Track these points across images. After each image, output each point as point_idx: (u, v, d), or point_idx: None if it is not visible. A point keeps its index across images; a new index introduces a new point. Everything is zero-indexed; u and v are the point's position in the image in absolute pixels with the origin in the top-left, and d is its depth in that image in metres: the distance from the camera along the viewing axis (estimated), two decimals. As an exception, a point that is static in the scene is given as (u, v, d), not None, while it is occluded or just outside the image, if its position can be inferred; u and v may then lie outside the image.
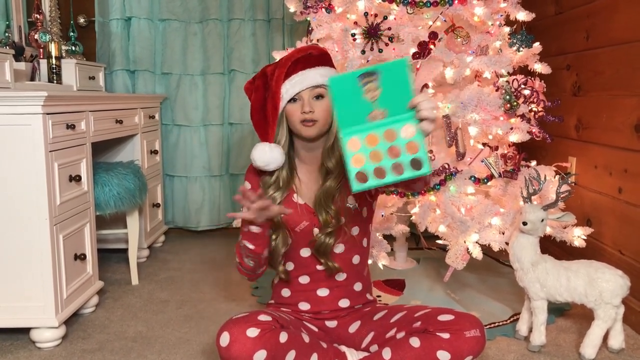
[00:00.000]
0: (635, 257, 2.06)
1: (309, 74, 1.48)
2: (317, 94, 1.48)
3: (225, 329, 1.36)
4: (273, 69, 1.51)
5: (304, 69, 1.48)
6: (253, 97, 1.54)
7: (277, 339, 1.36)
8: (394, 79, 1.12)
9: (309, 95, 1.48)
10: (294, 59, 1.48)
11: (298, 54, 1.50)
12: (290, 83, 1.47)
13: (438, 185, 2.10)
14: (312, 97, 1.48)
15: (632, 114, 2.09)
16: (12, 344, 1.93)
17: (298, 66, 1.48)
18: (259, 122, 1.52)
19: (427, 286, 2.39)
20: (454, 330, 1.37)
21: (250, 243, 1.47)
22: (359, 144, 1.12)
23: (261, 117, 1.52)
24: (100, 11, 3.24)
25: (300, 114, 1.47)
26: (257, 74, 1.55)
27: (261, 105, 1.52)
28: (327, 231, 1.51)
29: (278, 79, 1.48)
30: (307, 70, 1.48)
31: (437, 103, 2.14)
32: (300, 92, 1.47)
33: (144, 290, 2.48)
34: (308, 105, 1.47)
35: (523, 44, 2.30)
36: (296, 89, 1.47)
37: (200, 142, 3.36)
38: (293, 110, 1.49)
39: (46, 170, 1.84)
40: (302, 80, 1.47)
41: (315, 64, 1.50)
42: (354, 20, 2.20)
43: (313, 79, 1.47)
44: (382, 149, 1.11)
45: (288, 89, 1.47)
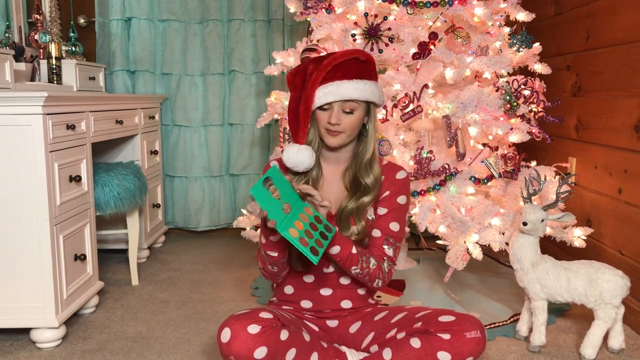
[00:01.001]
0: (635, 257, 2.06)
1: (345, 86, 1.46)
2: (348, 109, 1.47)
3: (227, 325, 1.36)
4: (313, 69, 1.48)
5: (342, 79, 1.46)
6: (291, 94, 1.53)
7: (278, 336, 1.37)
8: (278, 180, 1.34)
9: (339, 107, 1.47)
10: (336, 63, 1.45)
11: (342, 57, 1.46)
12: (324, 90, 1.46)
13: (438, 186, 2.11)
14: (342, 110, 1.47)
15: (632, 115, 2.09)
16: (12, 344, 1.93)
17: (337, 73, 1.46)
18: (292, 122, 1.52)
19: (427, 286, 2.39)
20: (454, 331, 1.37)
21: (272, 251, 1.47)
22: (295, 231, 1.31)
23: (294, 117, 1.51)
24: (101, 12, 3.24)
25: (326, 123, 1.48)
26: (300, 67, 1.52)
27: (295, 105, 1.51)
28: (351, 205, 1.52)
29: (314, 82, 1.46)
30: (344, 82, 1.46)
31: (438, 104, 2.15)
32: (332, 102, 1.46)
33: (144, 291, 2.48)
34: (336, 117, 1.47)
35: (523, 44, 2.30)
36: (328, 99, 1.46)
37: (200, 143, 3.36)
38: (321, 116, 1.50)
39: (46, 170, 1.84)
40: (336, 92, 1.45)
41: (354, 75, 1.47)
42: (354, 21, 2.20)
43: (346, 93, 1.45)
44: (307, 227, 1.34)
45: (321, 97, 1.46)
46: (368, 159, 1.54)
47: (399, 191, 1.57)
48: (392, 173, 1.59)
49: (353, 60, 1.47)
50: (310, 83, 1.46)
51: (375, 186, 1.53)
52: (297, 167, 1.51)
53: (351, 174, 1.56)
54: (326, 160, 1.59)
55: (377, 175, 1.54)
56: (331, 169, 1.59)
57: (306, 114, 1.48)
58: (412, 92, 2.11)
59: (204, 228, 3.41)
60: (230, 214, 3.43)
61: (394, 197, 1.57)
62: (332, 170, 1.59)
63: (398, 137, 2.17)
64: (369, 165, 1.54)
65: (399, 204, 1.57)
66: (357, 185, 1.54)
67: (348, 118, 1.48)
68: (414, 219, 2.13)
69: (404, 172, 1.60)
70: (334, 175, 1.59)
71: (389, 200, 1.57)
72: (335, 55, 1.47)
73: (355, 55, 1.47)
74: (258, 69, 3.29)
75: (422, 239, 2.87)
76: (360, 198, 1.53)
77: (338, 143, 1.51)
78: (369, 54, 1.51)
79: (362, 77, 1.48)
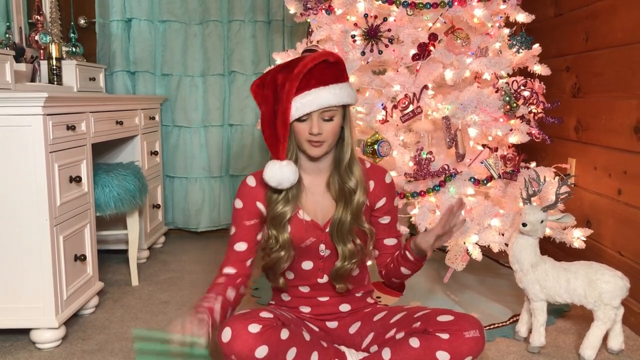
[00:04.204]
0: (634, 258, 2.06)
1: (322, 94, 1.39)
2: (327, 117, 1.42)
3: (227, 325, 1.35)
4: (284, 80, 1.40)
5: (317, 85, 1.39)
6: (263, 108, 1.46)
7: (279, 335, 1.37)
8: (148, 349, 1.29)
9: (318, 116, 1.41)
10: (307, 70, 1.38)
11: (311, 62, 1.38)
12: (301, 101, 1.39)
13: (438, 187, 2.11)
14: (322, 119, 1.42)
15: (632, 116, 2.09)
16: (12, 344, 1.93)
17: (312, 81, 1.39)
18: (270, 138, 1.45)
19: (426, 287, 2.39)
20: (453, 330, 1.37)
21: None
22: None
23: (272, 133, 1.44)
24: (101, 12, 3.25)
25: (307, 134, 1.42)
26: (267, 78, 1.45)
27: (271, 120, 1.44)
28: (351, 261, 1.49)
29: (289, 93, 1.38)
30: (321, 89, 1.39)
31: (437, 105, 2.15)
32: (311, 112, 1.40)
33: (144, 291, 2.48)
34: (317, 127, 1.41)
35: (523, 45, 2.30)
36: (306, 110, 1.39)
37: (200, 143, 3.36)
38: (300, 128, 1.43)
39: (46, 171, 1.84)
40: (314, 100, 1.39)
41: (329, 80, 1.41)
42: (354, 22, 2.21)
43: (325, 101, 1.39)
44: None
45: (298, 107, 1.39)
46: (347, 163, 1.49)
47: (392, 194, 1.58)
48: (380, 177, 1.56)
49: (323, 63, 1.40)
50: (284, 94, 1.39)
51: (359, 186, 1.49)
52: (282, 185, 1.44)
53: (336, 182, 1.51)
54: (306, 171, 1.52)
55: (359, 176, 1.49)
56: (312, 180, 1.53)
57: (285, 128, 1.41)
58: (412, 93, 2.11)
59: (204, 229, 3.41)
60: (230, 214, 3.42)
61: (391, 203, 1.57)
62: (314, 180, 1.53)
63: (398, 138, 2.18)
64: (349, 168, 1.49)
65: (395, 206, 1.59)
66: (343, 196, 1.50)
67: (328, 125, 1.42)
68: (414, 219, 2.13)
69: (389, 175, 1.58)
70: (317, 185, 1.53)
71: (387, 207, 1.56)
72: (305, 61, 1.39)
73: (324, 58, 1.40)
74: (258, 69, 3.30)
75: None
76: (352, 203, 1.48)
77: (321, 152, 1.45)
78: (337, 55, 1.44)
79: (337, 81, 1.42)
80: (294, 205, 1.49)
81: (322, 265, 1.54)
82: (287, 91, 1.38)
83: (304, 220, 1.50)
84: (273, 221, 1.49)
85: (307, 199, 1.52)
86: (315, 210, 1.52)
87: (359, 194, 1.49)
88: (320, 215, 1.51)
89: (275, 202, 1.48)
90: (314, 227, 1.51)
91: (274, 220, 1.48)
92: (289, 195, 1.48)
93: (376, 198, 1.55)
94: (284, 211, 1.47)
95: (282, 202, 1.48)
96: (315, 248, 1.52)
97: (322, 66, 1.40)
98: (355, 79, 2.25)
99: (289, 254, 1.50)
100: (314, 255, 1.53)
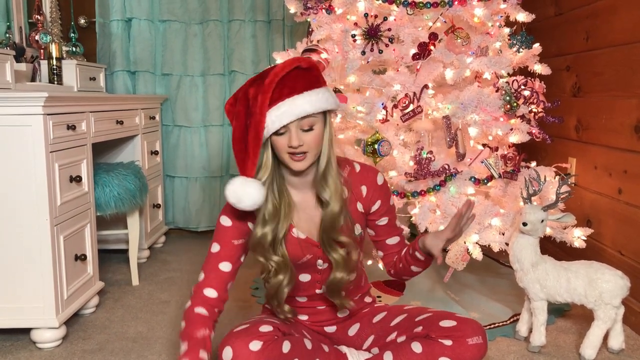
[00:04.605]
0: (635, 257, 2.06)
1: (298, 102, 1.30)
2: (307, 126, 1.33)
3: (227, 343, 1.33)
4: (255, 92, 1.32)
5: (291, 94, 1.31)
6: (234, 124, 1.36)
7: (280, 349, 1.35)
8: None
9: (296, 127, 1.32)
10: (278, 79, 1.30)
11: (282, 71, 1.31)
12: (276, 113, 1.30)
13: (438, 186, 2.11)
14: (301, 129, 1.33)
15: (632, 115, 2.09)
16: (12, 344, 1.93)
17: (284, 90, 1.31)
18: (239, 153, 1.35)
19: (427, 287, 2.39)
20: (456, 337, 1.36)
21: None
22: None
23: (241, 148, 1.34)
24: (101, 12, 3.24)
25: (288, 148, 1.33)
26: (238, 94, 1.38)
27: (242, 135, 1.34)
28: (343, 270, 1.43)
29: (262, 105, 1.30)
30: (295, 98, 1.30)
31: (438, 104, 2.15)
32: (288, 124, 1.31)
33: (144, 291, 2.48)
34: (296, 139, 1.32)
35: (523, 45, 2.30)
36: (284, 121, 1.30)
37: (200, 143, 3.36)
38: (279, 142, 1.34)
39: (47, 170, 1.84)
40: (290, 111, 1.30)
41: (303, 87, 1.32)
42: (354, 21, 2.20)
43: (301, 109, 1.30)
44: None
45: (274, 120, 1.31)
46: (321, 173, 1.39)
47: (386, 195, 1.51)
48: (371, 180, 1.48)
49: (295, 70, 1.32)
50: (257, 108, 1.30)
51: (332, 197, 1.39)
52: (241, 202, 1.33)
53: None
54: (294, 186, 1.44)
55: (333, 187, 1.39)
56: (303, 196, 1.45)
57: (256, 142, 1.31)
58: (412, 92, 2.11)
59: (205, 228, 3.41)
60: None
61: (386, 204, 1.52)
62: (304, 196, 1.45)
63: (398, 138, 2.17)
64: (323, 178, 1.39)
65: (392, 205, 1.55)
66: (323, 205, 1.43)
67: (309, 136, 1.33)
68: (414, 219, 2.13)
69: (380, 175, 1.50)
70: (307, 201, 1.45)
71: (384, 208, 1.51)
72: (276, 70, 1.32)
73: (296, 65, 1.32)
74: (258, 69, 3.29)
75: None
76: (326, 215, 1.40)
77: (306, 165, 1.36)
78: (310, 60, 1.38)
79: (312, 87, 1.33)
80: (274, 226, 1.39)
81: (319, 277, 1.51)
82: (260, 104, 1.30)
83: (298, 239, 1.44)
84: (256, 247, 1.40)
85: (300, 216, 1.45)
86: (310, 227, 1.45)
87: (333, 205, 1.39)
88: (315, 231, 1.45)
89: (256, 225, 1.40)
90: (309, 245, 1.45)
91: (257, 247, 1.40)
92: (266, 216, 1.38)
93: (370, 202, 1.49)
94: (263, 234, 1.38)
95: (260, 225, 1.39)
96: (312, 263, 1.48)
97: (295, 73, 1.32)
98: (355, 79, 2.24)
99: (289, 276, 1.43)
100: (312, 269, 1.50)
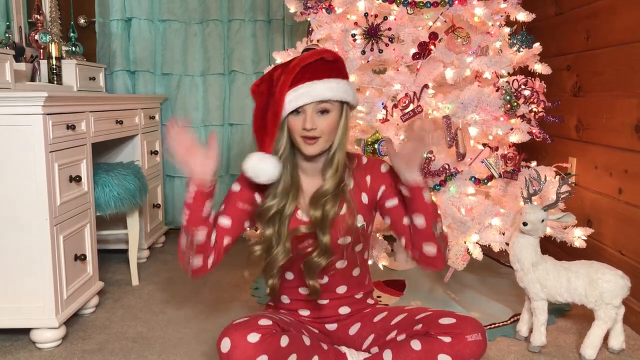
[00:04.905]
0: (635, 257, 2.06)
1: (317, 87, 1.37)
2: (322, 109, 1.39)
3: (226, 335, 1.33)
4: (280, 74, 1.40)
5: (312, 79, 1.38)
6: (256, 103, 1.44)
7: (278, 343, 1.35)
8: None
9: (312, 110, 1.38)
10: (303, 64, 1.38)
11: (309, 58, 1.38)
12: (295, 93, 1.37)
13: (438, 186, 2.10)
14: (317, 112, 1.39)
15: (632, 115, 2.09)
16: (12, 344, 1.93)
17: (306, 75, 1.38)
18: (259, 130, 1.43)
19: (427, 287, 2.39)
20: (455, 334, 1.36)
21: (201, 226, 1.42)
22: None
23: (261, 125, 1.42)
24: (101, 12, 3.24)
25: (301, 130, 1.39)
26: (264, 76, 1.46)
27: (262, 113, 1.42)
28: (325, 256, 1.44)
29: (283, 86, 1.37)
30: (315, 82, 1.37)
31: (438, 104, 2.15)
32: (304, 105, 1.38)
33: (144, 291, 2.47)
34: (310, 121, 1.37)
35: (523, 44, 2.30)
36: (300, 102, 1.37)
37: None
38: (295, 123, 1.40)
39: (46, 170, 1.84)
40: (308, 93, 1.37)
41: (325, 74, 1.39)
42: (354, 21, 2.20)
43: (320, 93, 1.37)
44: None
45: (292, 100, 1.37)
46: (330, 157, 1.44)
47: (391, 180, 1.51)
48: (376, 169, 1.52)
49: (320, 60, 1.39)
50: (278, 88, 1.38)
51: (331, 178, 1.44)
52: (258, 178, 1.41)
53: None
54: (304, 172, 1.50)
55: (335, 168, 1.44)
56: (311, 182, 1.49)
57: (275, 120, 1.38)
58: (412, 92, 2.11)
59: (204, 228, 3.40)
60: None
61: (391, 187, 1.51)
62: (312, 182, 1.49)
63: (398, 137, 2.17)
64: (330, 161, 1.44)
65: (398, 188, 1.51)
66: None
67: (324, 120, 1.39)
68: (414, 219, 2.12)
69: (385, 164, 1.52)
70: (314, 187, 1.48)
71: (390, 190, 1.50)
72: (303, 56, 1.40)
73: (321, 56, 1.39)
74: (258, 69, 3.30)
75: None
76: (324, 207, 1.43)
77: (317, 150, 1.41)
78: (336, 54, 1.44)
79: (333, 76, 1.40)
80: (280, 202, 1.45)
81: None
82: (282, 83, 1.37)
83: (302, 221, 1.49)
84: (260, 216, 1.47)
85: (305, 200, 1.49)
86: None
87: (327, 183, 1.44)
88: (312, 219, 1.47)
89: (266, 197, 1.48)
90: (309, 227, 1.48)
91: (260, 215, 1.47)
92: (277, 194, 1.45)
93: (374, 191, 1.52)
94: (269, 205, 1.45)
95: (270, 197, 1.46)
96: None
97: (320, 62, 1.39)
98: (355, 78, 2.24)
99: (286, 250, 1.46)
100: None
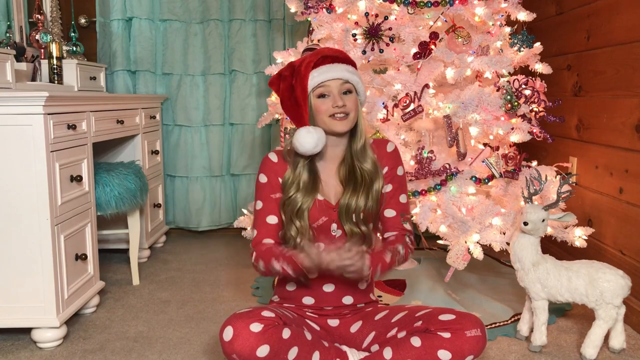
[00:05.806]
0: (636, 257, 2.06)
1: (337, 67, 1.50)
2: (346, 89, 1.51)
3: (229, 324, 1.36)
4: (301, 60, 1.53)
5: (333, 62, 1.51)
6: (281, 86, 1.54)
7: (280, 335, 1.37)
8: None
9: (338, 89, 1.49)
10: (323, 54, 1.51)
11: (327, 51, 1.53)
12: (318, 71, 1.49)
13: (439, 186, 2.11)
14: (341, 93, 1.50)
15: (633, 114, 2.09)
16: (13, 344, 1.93)
17: (327, 60, 1.51)
18: (291, 108, 1.52)
19: (428, 286, 2.38)
20: (455, 329, 1.37)
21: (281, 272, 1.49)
22: None
23: (292, 103, 1.52)
24: (101, 12, 3.25)
25: (331, 108, 1.48)
26: (283, 67, 1.57)
27: (290, 92, 1.52)
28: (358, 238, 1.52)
29: (307, 65, 1.49)
30: (336, 64, 1.51)
31: (439, 104, 2.15)
32: (327, 81, 1.48)
33: (144, 291, 2.48)
34: (340, 99, 1.48)
35: (524, 44, 2.30)
36: (323, 78, 1.48)
37: (201, 143, 3.36)
38: (322, 105, 1.50)
39: (47, 170, 1.84)
40: (330, 70, 1.49)
41: (344, 62, 1.53)
42: (355, 21, 2.21)
43: (341, 73, 1.50)
44: None
45: (315, 77, 1.49)
46: (362, 145, 1.56)
47: (395, 163, 1.61)
48: (382, 148, 1.61)
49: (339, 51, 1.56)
50: (303, 66, 1.49)
51: (376, 169, 1.55)
52: (317, 147, 1.48)
53: (346, 167, 1.56)
54: (322, 156, 1.58)
55: (374, 158, 1.56)
56: (326, 165, 1.58)
57: (304, 95, 1.49)
58: (413, 92, 2.11)
59: (205, 228, 3.41)
60: (231, 213, 3.43)
61: (393, 171, 1.61)
62: (327, 166, 1.58)
63: (399, 137, 2.17)
64: (364, 150, 1.55)
65: (399, 175, 1.61)
66: (353, 178, 1.55)
67: (350, 98, 1.51)
68: (415, 218, 2.13)
69: (391, 143, 1.63)
70: (329, 170, 1.58)
71: (390, 175, 1.60)
72: (320, 49, 1.56)
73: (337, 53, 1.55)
74: (259, 68, 3.30)
75: (422, 239, 2.87)
76: (366, 191, 1.53)
77: (348, 127, 1.51)
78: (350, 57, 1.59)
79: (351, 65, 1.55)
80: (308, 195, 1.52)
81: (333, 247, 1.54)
82: (306, 64, 1.49)
83: (317, 200, 1.54)
84: (285, 207, 1.53)
85: (322, 183, 1.57)
86: (328, 191, 1.57)
87: (378, 183, 1.55)
88: (333, 195, 1.56)
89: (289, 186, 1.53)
90: (326, 207, 1.55)
91: (287, 207, 1.53)
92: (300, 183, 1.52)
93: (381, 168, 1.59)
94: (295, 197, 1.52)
95: (294, 188, 1.53)
96: (327, 227, 1.55)
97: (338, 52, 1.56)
98: (356, 78, 2.24)
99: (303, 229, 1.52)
100: (326, 235, 1.55)
